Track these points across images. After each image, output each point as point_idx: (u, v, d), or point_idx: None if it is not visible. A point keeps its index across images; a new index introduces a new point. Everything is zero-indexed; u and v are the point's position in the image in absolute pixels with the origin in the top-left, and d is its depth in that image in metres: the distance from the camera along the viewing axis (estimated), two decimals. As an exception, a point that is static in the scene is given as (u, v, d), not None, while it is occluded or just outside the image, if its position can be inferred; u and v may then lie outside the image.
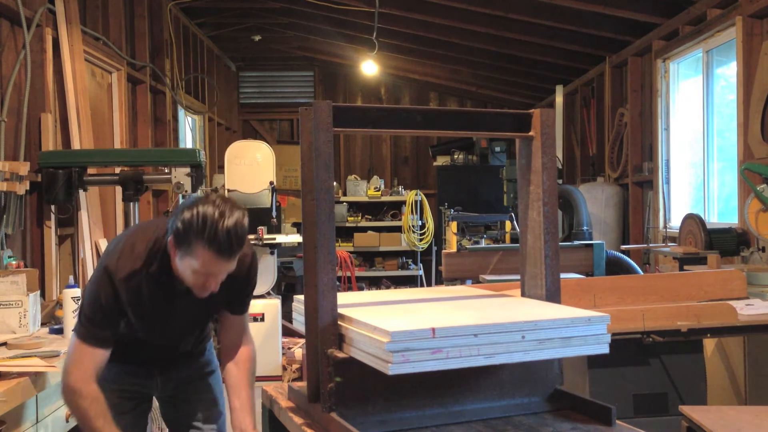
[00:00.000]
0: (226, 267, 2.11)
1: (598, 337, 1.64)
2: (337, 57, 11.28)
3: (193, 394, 2.61)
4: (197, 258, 2.07)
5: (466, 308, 1.82)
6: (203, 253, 2.05)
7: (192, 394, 2.61)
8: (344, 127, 1.73)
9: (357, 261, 10.66)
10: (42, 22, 4.54)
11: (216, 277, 2.13)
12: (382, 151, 12.21)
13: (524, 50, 8.43)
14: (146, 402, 2.63)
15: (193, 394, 2.61)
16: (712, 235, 4.93)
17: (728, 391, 3.60)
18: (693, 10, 6.04)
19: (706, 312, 3.02)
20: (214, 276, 2.12)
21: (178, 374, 2.59)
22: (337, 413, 1.65)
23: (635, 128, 7.40)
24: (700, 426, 2.38)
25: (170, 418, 2.69)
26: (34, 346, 3.00)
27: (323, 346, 1.70)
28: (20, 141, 4.30)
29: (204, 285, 2.15)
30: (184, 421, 2.60)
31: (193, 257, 2.07)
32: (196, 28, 8.92)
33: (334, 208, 1.75)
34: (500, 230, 7.08)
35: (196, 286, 2.17)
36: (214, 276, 2.12)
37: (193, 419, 2.58)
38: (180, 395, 2.61)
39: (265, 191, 6.44)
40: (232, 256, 2.08)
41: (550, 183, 1.86)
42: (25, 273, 3.40)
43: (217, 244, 2.02)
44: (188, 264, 2.11)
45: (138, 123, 6.60)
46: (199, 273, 2.11)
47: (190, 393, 2.61)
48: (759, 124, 4.97)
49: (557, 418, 1.76)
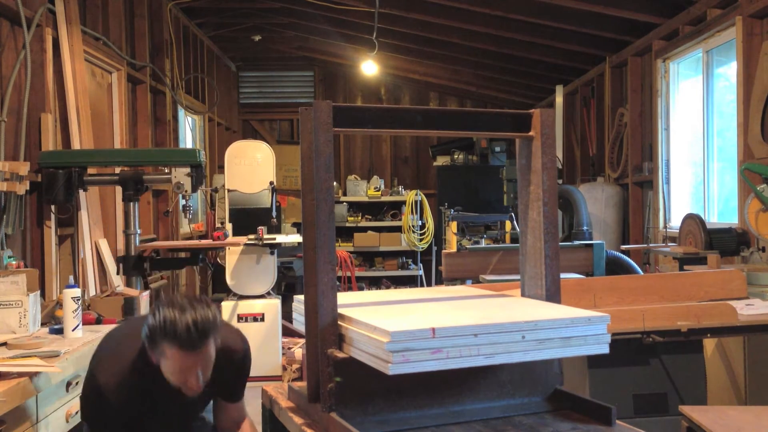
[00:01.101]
0: (197, 361, 2.18)
1: (598, 337, 1.64)
2: (337, 57, 11.28)
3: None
4: (168, 358, 2.17)
5: (466, 308, 1.82)
6: (171, 352, 2.15)
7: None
8: (344, 127, 1.73)
9: (357, 261, 10.66)
10: (42, 22, 4.54)
11: (192, 372, 2.19)
12: (382, 151, 12.21)
13: (524, 50, 8.43)
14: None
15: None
16: (712, 235, 4.93)
17: (728, 391, 3.60)
18: (693, 10, 6.04)
19: (706, 312, 3.02)
20: (190, 371, 2.19)
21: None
22: (337, 413, 1.65)
23: (635, 128, 7.40)
24: (700, 426, 2.38)
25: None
26: (34, 346, 3.00)
27: (323, 346, 1.70)
28: (20, 141, 4.30)
29: (185, 382, 2.22)
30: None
31: (165, 358, 2.18)
32: (196, 28, 8.92)
33: (334, 208, 1.75)
34: (500, 230, 7.08)
35: (181, 385, 2.24)
36: (190, 372, 2.19)
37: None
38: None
39: (265, 191, 6.44)
40: (197, 348, 2.15)
41: (550, 183, 1.86)
42: (25, 273, 3.39)
43: (179, 340, 2.12)
44: (164, 366, 2.20)
45: (138, 123, 6.61)
46: (175, 373, 2.19)
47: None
48: (759, 124, 4.97)
49: (557, 418, 1.76)
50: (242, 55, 11.40)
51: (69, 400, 3.09)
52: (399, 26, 8.48)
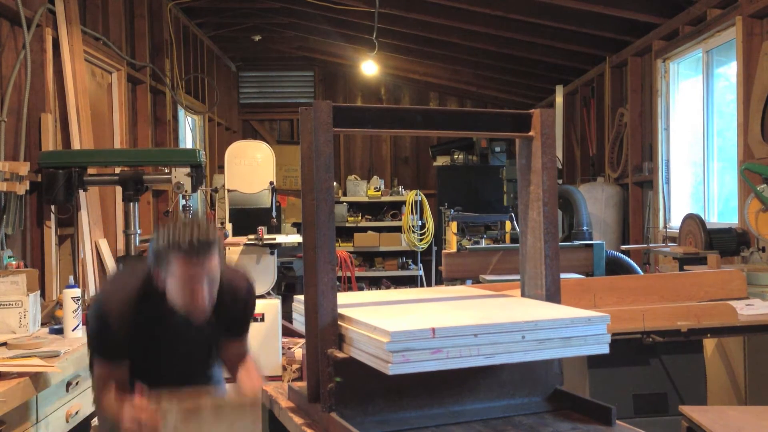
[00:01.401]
0: (201, 273, 2.29)
1: (598, 337, 1.63)
2: (337, 57, 11.28)
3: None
4: (174, 270, 2.29)
5: (466, 308, 1.82)
6: (177, 262, 2.27)
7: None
8: (344, 127, 1.73)
9: (357, 261, 10.66)
10: (42, 22, 4.54)
11: (197, 286, 2.29)
12: (382, 151, 12.21)
13: (524, 50, 8.43)
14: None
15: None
16: (712, 235, 4.93)
17: (728, 391, 3.60)
18: (693, 10, 6.04)
19: (706, 312, 3.02)
20: (195, 284, 2.29)
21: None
22: (337, 413, 1.65)
23: (635, 128, 7.40)
24: (700, 426, 2.38)
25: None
26: (34, 346, 3.00)
27: (323, 346, 1.70)
28: (20, 141, 4.30)
29: (192, 297, 2.30)
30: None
31: (171, 271, 2.29)
32: (196, 28, 8.92)
33: (334, 208, 1.75)
34: (500, 230, 7.07)
35: (186, 302, 2.32)
36: (195, 284, 2.29)
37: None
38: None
39: (265, 191, 6.44)
40: (200, 256, 2.27)
41: (550, 183, 1.86)
42: (25, 273, 3.40)
43: (183, 250, 2.25)
44: (171, 282, 2.32)
45: (138, 123, 6.60)
46: (182, 285, 2.30)
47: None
48: (759, 124, 4.97)
49: (557, 418, 1.76)
50: (242, 55, 11.40)
51: (69, 400, 3.10)
52: (399, 26, 8.48)
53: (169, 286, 2.34)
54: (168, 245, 2.28)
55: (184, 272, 2.28)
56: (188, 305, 2.34)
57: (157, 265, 2.34)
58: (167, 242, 2.28)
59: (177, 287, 2.31)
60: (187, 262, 2.27)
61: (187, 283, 2.29)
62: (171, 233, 2.29)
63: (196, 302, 2.32)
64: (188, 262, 2.27)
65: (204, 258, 2.28)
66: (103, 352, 2.44)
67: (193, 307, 2.34)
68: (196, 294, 2.31)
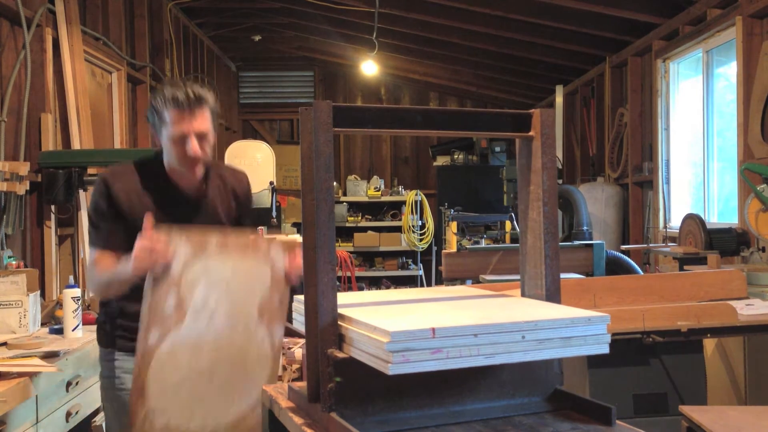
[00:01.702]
0: (193, 123, 2.37)
1: (598, 337, 1.63)
2: (337, 57, 11.28)
3: None
4: (169, 122, 2.37)
5: (466, 308, 1.82)
6: (171, 115, 2.36)
7: None
8: (344, 127, 1.73)
9: (357, 261, 10.66)
10: (42, 22, 4.54)
11: (191, 134, 2.37)
12: (382, 151, 12.21)
13: (524, 50, 8.43)
14: None
15: None
16: (712, 235, 4.93)
17: (728, 391, 3.60)
18: (693, 10, 6.04)
19: (706, 312, 3.02)
20: (190, 132, 2.36)
21: None
22: (337, 413, 1.65)
23: (635, 128, 7.40)
24: (700, 426, 2.38)
25: None
26: (34, 346, 3.00)
27: (323, 346, 1.70)
28: (20, 141, 4.30)
29: (186, 151, 2.37)
30: None
31: (166, 124, 2.37)
32: (196, 28, 8.92)
33: (334, 208, 1.75)
34: (500, 230, 7.07)
35: (180, 155, 2.39)
36: (189, 132, 2.36)
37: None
38: None
39: (265, 191, 6.43)
40: (193, 107, 2.36)
41: (550, 183, 1.86)
42: (25, 273, 3.40)
43: (178, 101, 2.35)
44: (166, 136, 2.39)
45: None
46: (176, 138, 2.37)
47: None
48: (759, 124, 4.97)
49: (557, 418, 1.75)
50: (242, 55, 11.40)
51: (69, 400, 3.09)
52: (399, 26, 8.48)
53: (165, 146, 2.42)
54: (164, 99, 2.36)
55: (177, 125, 2.35)
56: (182, 159, 2.40)
57: (154, 126, 2.43)
58: (161, 98, 2.37)
59: (172, 141, 2.38)
60: (181, 113, 2.35)
61: (181, 135, 2.36)
62: (167, 89, 2.38)
63: (190, 154, 2.37)
64: (181, 114, 2.35)
65: (197, 109, 2.37)
66: (104, 220, 2.43)
67: (187, 160, 2.39)
68: (189, 146, 2.36)
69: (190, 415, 2.31)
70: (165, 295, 2.24)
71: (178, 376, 2.28)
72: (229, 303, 2.33)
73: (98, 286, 2.48)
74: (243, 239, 2.41)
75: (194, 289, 2.27)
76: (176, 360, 2.26)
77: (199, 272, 2.28)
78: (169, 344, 2.25)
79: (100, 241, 2.45)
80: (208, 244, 2.31)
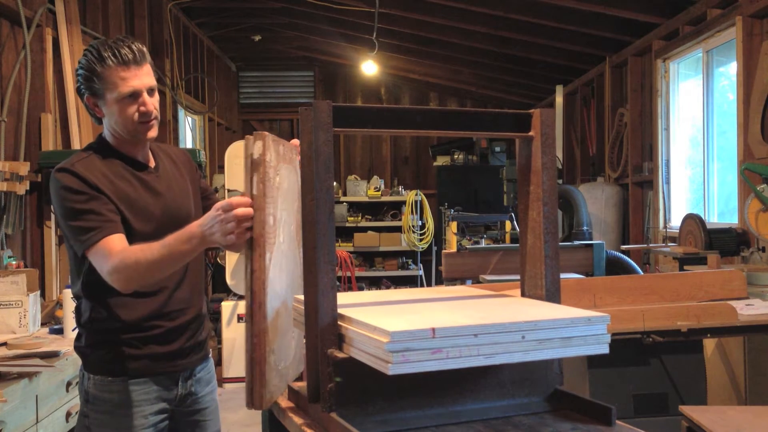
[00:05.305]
0: (140, 76, 2.14)
1: (598, 337, 1.63)
2: (337, 57, 11.28)
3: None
4: (112, 81, 2.11)
5: (466, 308, 1.82)
6: (119, 73, 2.11)
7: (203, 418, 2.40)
8: (344, 127, 1.73)
9: (357, 261, 10.66)
10: (42, 22, 4.54)
11: (141, 91, 2.13)
12: (382, 151, 12.21)
13: (524, 50, 8.43)
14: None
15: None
16: (712, 235, 4.93)
17: (728, 391, 3.60)
18: (693, 10, 6.04)
19: (706, 312, 3.02)
20: (141, 89, 2.13)
21: (197, 374, 2.35)
22: (337, 413, 1.65)
23: (635, 128, 7.40)
24: (700, 426, 2.38)
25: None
26: (34, 346, 3.01)
27: (323, 346, 1.70)
28: (20, 141, 4.30)
29: (138, 108, 2.13)
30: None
31: (110, 85, 2.11)
32: (196, 28, 8.92)
33: (334, 208, 1.75)
34: (500, 230, 7.07)
35: (134, 116, 2.14)
36: (141, 90, 2.13)
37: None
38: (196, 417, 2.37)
39: (265, 191, 6.43)
40: (140, 62, 2.14)
41: (550, 183, 1.86)
42: (25, 273, 3.40)
43: (126, 58, 2.11)
44: (115, 99, 2.12)
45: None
46: (124, 97, 2.12)
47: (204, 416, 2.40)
48: (759, 124, 4.97)
49: (557, 418, 1.75)
50: (242, 55, 11.40)
51: (69, 400, 3.10)
52: (399, 26, 8.48)
53: (113, 112, 2.14)
54: (96, 60, 2.10)
55: (128, 81, 2.11)
56: (136, 121, 2.14)
57: (93, 93, 2.15)
58: (99, 56, 2.10)
59: (123, 102, 2.13)
60: (128, 69, 2.11)
61: (133, 92, 2.12)
62: (103, 50, 2.10)
63: (146, 110, 2.14)
64: (129, 70, 2.11)
65: (144, 63, 2.15)
66: (93, 200, 2.07)
67: (143, 120, 2.15)
68: (143, 105, 2.14)
69: (284, 353, 1.90)
70: (267, 208, 1.78)
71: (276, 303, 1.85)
72: (291, 220, 1.97)
73: (136, 273, 1.97)
74: (291, 147, 2.00)
75: (278, 200, 1.85)
76: (274, 287, 1.82)
77: (283, 179, 1.89)
78: (276, 267, 1.82)
79: (99, 226, 2.03)
80: (280, 149, 1.88)
